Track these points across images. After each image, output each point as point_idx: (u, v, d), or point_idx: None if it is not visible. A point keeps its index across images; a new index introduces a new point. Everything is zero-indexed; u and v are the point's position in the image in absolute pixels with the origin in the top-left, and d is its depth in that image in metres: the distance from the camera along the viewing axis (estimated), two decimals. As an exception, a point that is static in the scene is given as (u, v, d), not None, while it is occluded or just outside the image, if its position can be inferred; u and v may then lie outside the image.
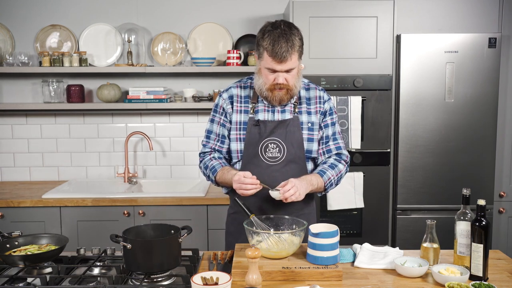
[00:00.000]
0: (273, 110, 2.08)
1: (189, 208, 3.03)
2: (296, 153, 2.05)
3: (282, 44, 1.89)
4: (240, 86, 2.14)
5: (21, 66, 3.34)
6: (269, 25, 1.96)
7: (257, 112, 2.08)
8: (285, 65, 1.93)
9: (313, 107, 2.11)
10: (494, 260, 1.88)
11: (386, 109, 3.07)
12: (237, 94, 2.12)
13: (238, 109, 2.10)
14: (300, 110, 2.09)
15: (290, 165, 2.04)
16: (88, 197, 3.02)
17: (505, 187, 3.33)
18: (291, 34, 1.92)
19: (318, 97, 2.12)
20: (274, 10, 3.49)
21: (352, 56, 3.04)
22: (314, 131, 2.09)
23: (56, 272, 1.75)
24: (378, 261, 1.84)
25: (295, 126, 2.05)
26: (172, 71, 3.40)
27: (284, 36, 1.90)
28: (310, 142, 2.08)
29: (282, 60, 1.90)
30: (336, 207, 3.08)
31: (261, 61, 1.97)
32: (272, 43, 1.90)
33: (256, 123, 2.05)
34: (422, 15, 3.36)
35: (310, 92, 2.13)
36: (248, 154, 2.06)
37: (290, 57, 1.91)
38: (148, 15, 3.50)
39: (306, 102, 2.11)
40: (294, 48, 1.92)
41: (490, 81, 3.05)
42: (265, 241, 1.79)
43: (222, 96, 2.13)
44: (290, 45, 1.90)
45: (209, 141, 2.15)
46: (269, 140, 2.04)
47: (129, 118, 3.58)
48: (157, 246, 1.70)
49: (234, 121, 2.09)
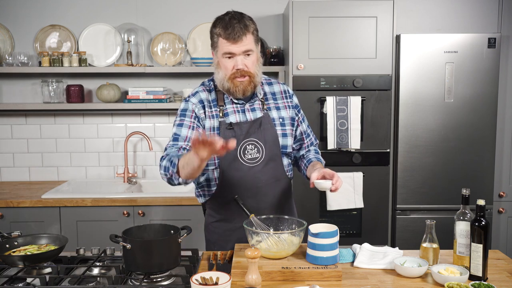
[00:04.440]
0: (243, 110, 2.01)
1: (189, 208, 3.02)
2: (273, 150, 2.01)
3: (235, 24, 1.87)
4: (206, 90, 2.03)
5: (21, 66, 3.34)
6: (219, 16, 1.95)
7: (227, 115, 1.99)
8: (241, 45, 1.88)
9: (280, 102, 2.09)
10: (494, 260, 1.88)
11: (385, 109, 3.07)
12: (206, 99, 2.01)
13: (209, 115, 1.99)
14: (268, 106, 2.06)
15: (270, 164, 2.01)
16: (88, 197, 3.02)
17: (504, 187, 3.33)
18: (242, 17, 1.91)
19: (283, 91, 2.11)
20: (274, 10, 3.49)
21: (351, 56, 3.04)
22: (286, 126, 2.06)
23: (56, 272, 1.74)
24: (378, 261, 1.84)
25: (268, 123, 2.01)
26: (172, 71, 3.40)
27: (235, 18, 1.89)
28: (285, 138, 2.05)
29: (237, 39, 1.87)
30: (335, 207, 3.07)
31: (217, 51, 1.93)
32: (224, 25, 1.88)
33: (229, 126, 1.96)
34: (421, 15, 3.36)
35: (273, 87, 2.11)
36: (226, 159, 1.95)
37: (245, 37, 1.88)
38: (148, 15, 3.50)
39: (272, 97, 2.09)
40: (248, 29, 1.89)
41: (490, 81, 3.05)
42: (264, 241, 1.79)
43: (191, 101, 2.00)
44: (242, 25, 1.88)
45: (177, 143, 1.94)
46: (247, 141, 1.97)
47: (128, 118, 3.58)
48: (156, 246, 1.70)
49: (207, 127, 1.98)
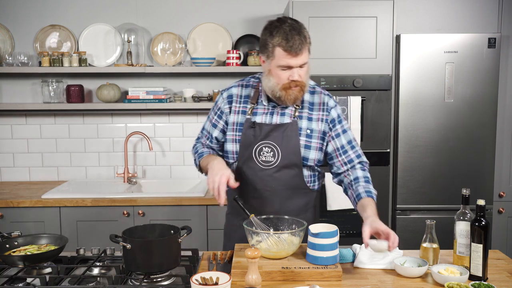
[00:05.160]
0: (272, 112, 1.99)
1: (189, 208, 3.03)
2: (292, 159, 1.96)
3: (296, 36, 1.81)
4: (241, 85, 2.06)
5: (21, 66, 3.34)
6: (274, 22, 1.87)
7: (255, 114, 2.00)
8: (300, 59, 1.84)
9: (315, 113, 2.00)
10: (494, 260, 1.88)
11: (385, 109, 3.07)
12: (237, 94, 2.05)
13: (236, 110, 2.03)
14: (300, 115, 1.99)
15: (283, 171, 1.97)
16: (88, 197, 3.02)
17: (504, 187, 3.33)
18: (300, 27, 1.85)
19: (322, 103, 2.01)
20: (274, 10, 3.49)
21: (351, 56, 3.04)
22: (312, 138, 1.98)
23: (56, 272, 1.75)
24: (378, 261, 1.84)
25: (293, 131, 1.95)
26: (172, 71, 3.40)
27: (295, 28, 1.83)
28: (307, 150, 1.97)
29: (298, 53, 1.82)
30: (335, 207, 3.07)
31: (272, 61, 1.86)
32: (285, 37, 1.81)
33: (251, 125, 1.97)
34: (421, 15, 3.36)
35: (314, 96, 2.02)
36: (243, 156, 1.99)
37: (304, 50, 1.83)
38: (148, 15, 3.50)
39: (308, 107, 2.00)
40: (306, 41, 1.84)
41: (490, 81, 3.05)
42: (264, 241, 1.79)
43: (222, 95, 2.07)
44: (303, 36, 1.83)
45: (202, 137, 2.15)
46: (264, 143, 1.95)
47: (128, 118, 3.58)
48: (156, 246, 1.70)
49: (231, 121, 2.03)
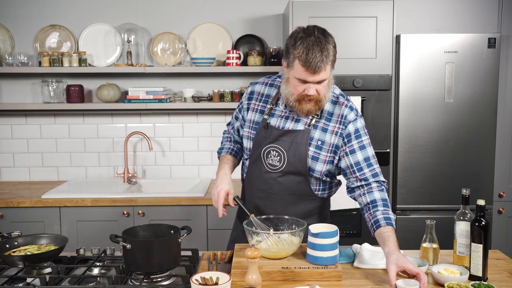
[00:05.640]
0: (288, 116, 1.93)
1: (189, 208, 3.02)
2: (297, 167, 1.92)
3: (317, 53, 1.72)
4: (266, 83, 2.02)
5: (21, 66, 3.34)
6: (301, 31, 1.78)
7: (272, 115, 1.96)
8: (318, 77, 1.76)
9: (331, 125, 1.91)
10: (494, 260, 1.88)
11: (385, 109, 3.07)
12: (258, 92, 2.02)
13: (255, 108, 2.00)
14: (316, 124, 1.91)
15: (287, 177, 1.94)
16: (88, 197, 3.02)
17: (504, 187, 3.33)
18: (326, 42, 1.75)
19: (341, 115, 1.91)
20: (274, 10, 3.49)
21: (351, 56, 3.04)
22: (322, 150, 1.90)
23: (56, 272, 1.75)
24: (378, 261, 1.84)
25: (303, 139, 1.90)
26: (172, 71, 3.40)
27: (319, 44, 1.73)
28: (314, 161, 1.91)
29: (316, 71, 1.73)
30: (335, 207, 3.06)
31: (291, 70, 1.79)
32: (306, 52, 1.72)
33: (265, 126, 1.95)
34: (421, 15, 3.36)
35: (335, 107, 1.92)
36: (254, 154, 2.00)
37: (324, 68, 1.74)
38: (148, 15, 3.50)
39: (326, 117, 1.92)
40: (329, 58, 1.75)
41: (490, 81, 3.05)
42: (264, 241, 1.79)
43: (247, 90, 2.06)
44: (325, 54, 1.73)
45: (230, 124, 2.21)
46: (272, 147, 1.93)
47: (128, 118, 3.57)
48: (156, 246, 1.70)
49: (248, 118, 2.01)
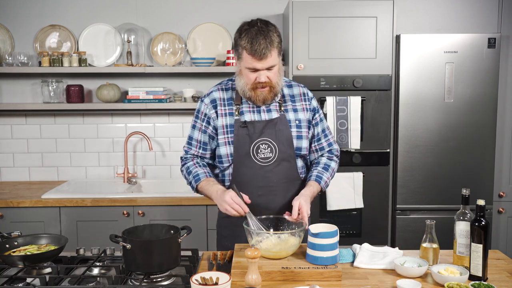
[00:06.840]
0: (259, 110, 2.05)
1: (189, 208, 3.02)
2: (287, 151, 2.03)
3: (261, 41, 1.87)
4: (221, 89, 2.10)
5: (21, 66, 3.34)
6: (245, 24, 1.94)
7: (242, 114, 2.04)
8: (266, 62, 1.90)
9: (298, 104, 2.10)
10: (494, 260, 1.88)
11: (385, 109, 3.07)
12: (219, 97, 2.08)
13: (223, 113, 2.05)
14: (286, 108, 2.07)
15: (282, 164, 2.03)
16: (88, 197, 3.02)
17: (504, 187, 3.33)
18: (269, 30, 1.90)
19: (302, 94, 2.12)
20: (274, 10, 3.49)
21: (351, 56, 3.04)
22: (302, 128, 2.07)
23: (56, 272, 1.75)
24: (378, 261, 1.84)
25: (283, 124, 2.03)
26: (172, 71, 3.40)
27: (262, 33, 1.88)
28: (299, 140, 2.06)
29: (262, 57, 1.88)
30: (335, 207, 3.07)
31: (241, 62, 1.95)
32: (250, 41, 1.88)
33: (243, 125, 2.02)
34: (421, 15, 3.36)
35: (293, 89, 2.12)
36: (239, 156, 2.02)
37: (270, 54, 1.89)
38: (148, 15, 3.50)
39: (290, 100, 2.10)
40: (273, 45, 1.90)
41: (490, 81, 3.05)
42: (264, 241, 1.79)
43: (204, 102, 2.09)
44: (268, 41, 1.88)
45: (191, 148, 2.12)
46: (260, 141, 2.01)
47: (128, 118, 3.57)
48: (156, 246, 1.70)
49: (220, 125, 2.05)
